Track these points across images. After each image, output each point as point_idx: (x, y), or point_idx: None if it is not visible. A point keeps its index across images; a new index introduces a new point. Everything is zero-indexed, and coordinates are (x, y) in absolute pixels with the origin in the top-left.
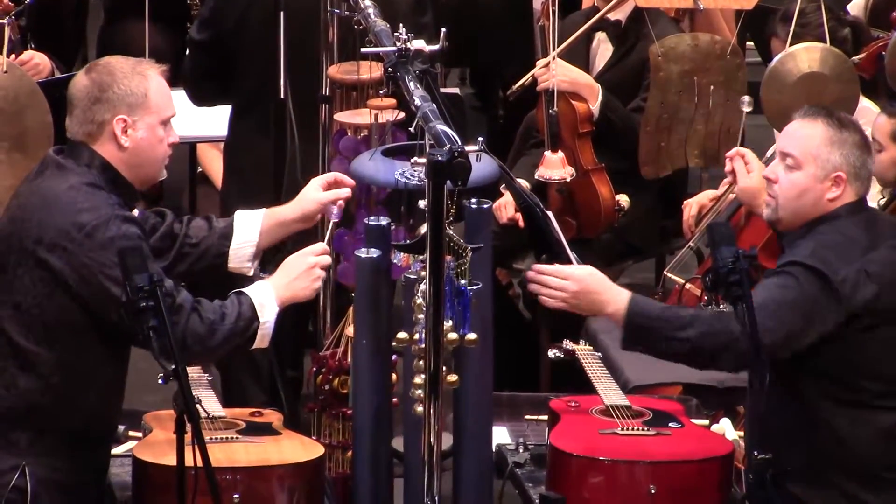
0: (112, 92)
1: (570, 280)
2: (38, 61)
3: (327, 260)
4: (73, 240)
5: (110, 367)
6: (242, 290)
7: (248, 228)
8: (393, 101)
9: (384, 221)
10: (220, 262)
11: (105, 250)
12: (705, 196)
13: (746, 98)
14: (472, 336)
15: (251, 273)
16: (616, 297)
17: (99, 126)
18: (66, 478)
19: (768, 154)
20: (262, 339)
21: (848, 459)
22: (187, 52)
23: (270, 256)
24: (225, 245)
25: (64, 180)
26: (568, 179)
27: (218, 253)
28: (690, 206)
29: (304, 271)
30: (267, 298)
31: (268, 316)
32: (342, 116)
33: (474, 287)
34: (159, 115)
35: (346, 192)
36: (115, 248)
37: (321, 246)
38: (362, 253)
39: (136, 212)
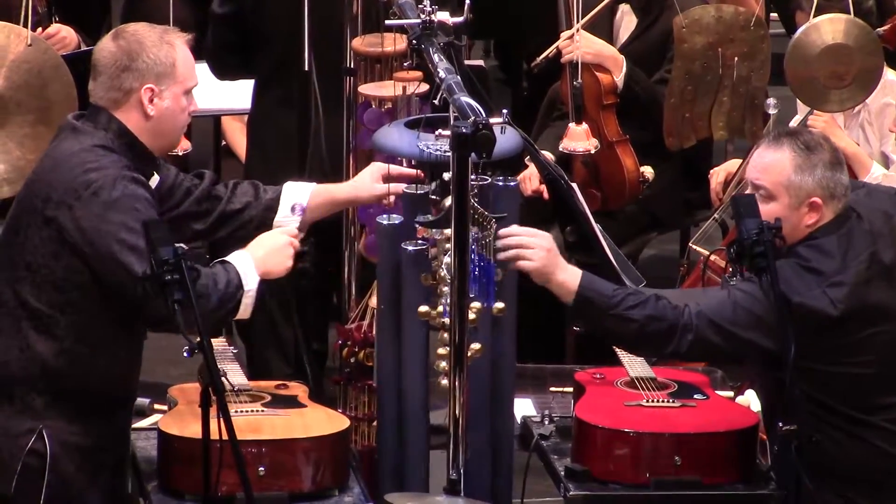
0: (141, 61)
1: (539, 237)
2: (64, 34)
3: (297, 244)
4: (79, 198)
5: (125, 332)
6: (225, 259)
7: (295, 202)
8: (419, 74)
9: (422, 190)
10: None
11: (110, 210)
12: (732, 164)
13: (772, 101)
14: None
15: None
16: (568, 266)
17: (125, 94)
18: (83, 441)
19: (792, 124)
20: (246, 309)
21: (842, 466)
22: (209, 25)
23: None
24: (269, 217)
25: (77, 142)
26: (592, 151)
27: (261, 224)
28: (717, 174)
29: (280, 248)
30: (248, 268)
31: (251, 284)
32: (366, 89)
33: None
34: (184, 84)
35: (402, 187)
36: (121, 207)
37: (295, 230)
38: (384, 219)
39: (155, 179)
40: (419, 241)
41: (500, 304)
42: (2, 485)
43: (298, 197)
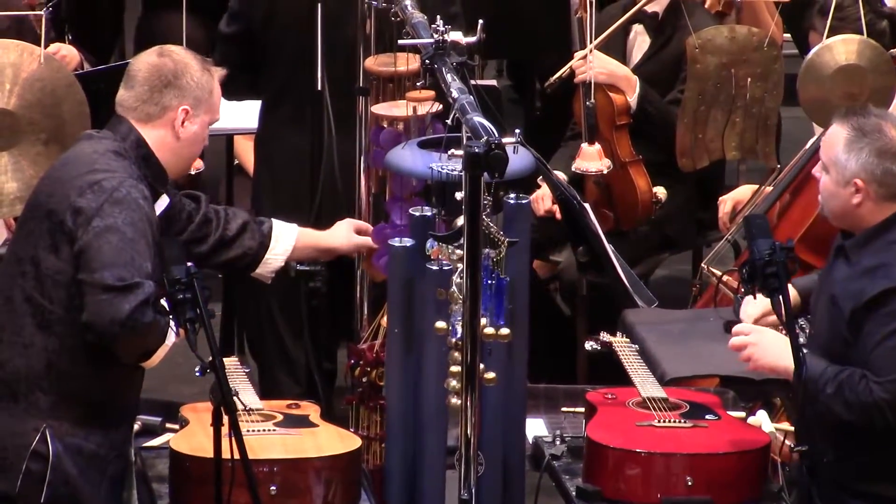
0: (185, 81)
1: (751, 334)
2: (65, 53)
3: None
4: (81, 193)
5: None
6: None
7: (284, 242)
8: (431, 93)
9: (429, 212)
10: (252, 266)
11: (109, 207)
12: (741, 192)
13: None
14: (505, 331)
15: (269, 281)
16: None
17: (162, 109)
18: (85, 445)
19: (807, 146)
20: (157, 358)
21: None
22: (217, 44)
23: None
24: (262, 252)
25: (90, 146)
26: (605, 171)
27: (254, 259)
28: (725, 203)
29: None
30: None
31: (171, 339)
32: (379, 109)
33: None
34: (213, 115)
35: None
36: (120, 208)
37: None
38: (396, 242)
39: (164, 201)
40: (443, 261)
41: (505, 330)
42: (6, 484)
43: (286, 240)
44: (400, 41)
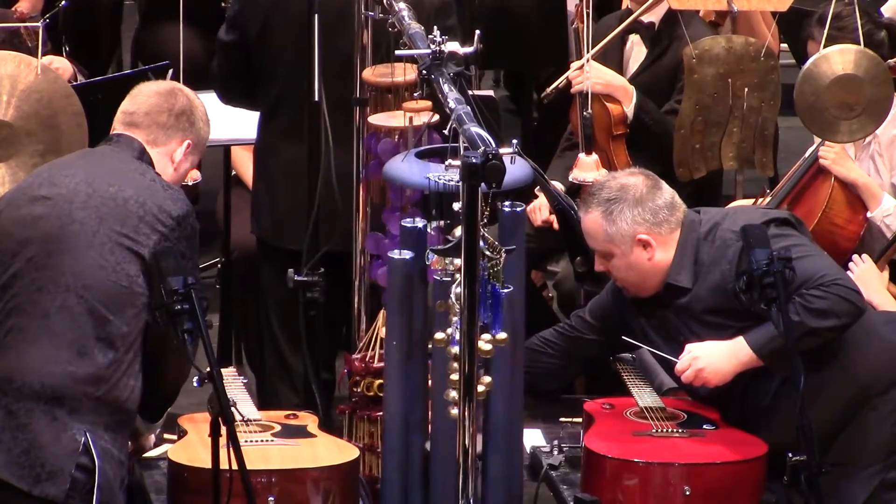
0: (196, 118)
1: (689, 357)
2: (58, 66)
3: None
4: (165, 224)
5: (144, 347)
6: None
7: None
8: (428, 104)
9: (420, 223)
10: None
11: (189, 240)
12: (739, 204)
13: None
14: (501, 335)
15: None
16: (737, 345)
17: (168, 137)
18: (114, 451)
19: (806, 155)
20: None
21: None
22: (216, 52)
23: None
24: None
25: (139, 171)
26: None
27: None
28: None
29: None
30: None
31: None
32: (376, 119)
33: (506, 290)
34: (196, 162)
35: None
36: (195, 239)
37: None
38: (395, 254)
39: None
40: (447, 272)
41: (502, 335)
42: (55, 489)
43: None
44: (397, 52)
